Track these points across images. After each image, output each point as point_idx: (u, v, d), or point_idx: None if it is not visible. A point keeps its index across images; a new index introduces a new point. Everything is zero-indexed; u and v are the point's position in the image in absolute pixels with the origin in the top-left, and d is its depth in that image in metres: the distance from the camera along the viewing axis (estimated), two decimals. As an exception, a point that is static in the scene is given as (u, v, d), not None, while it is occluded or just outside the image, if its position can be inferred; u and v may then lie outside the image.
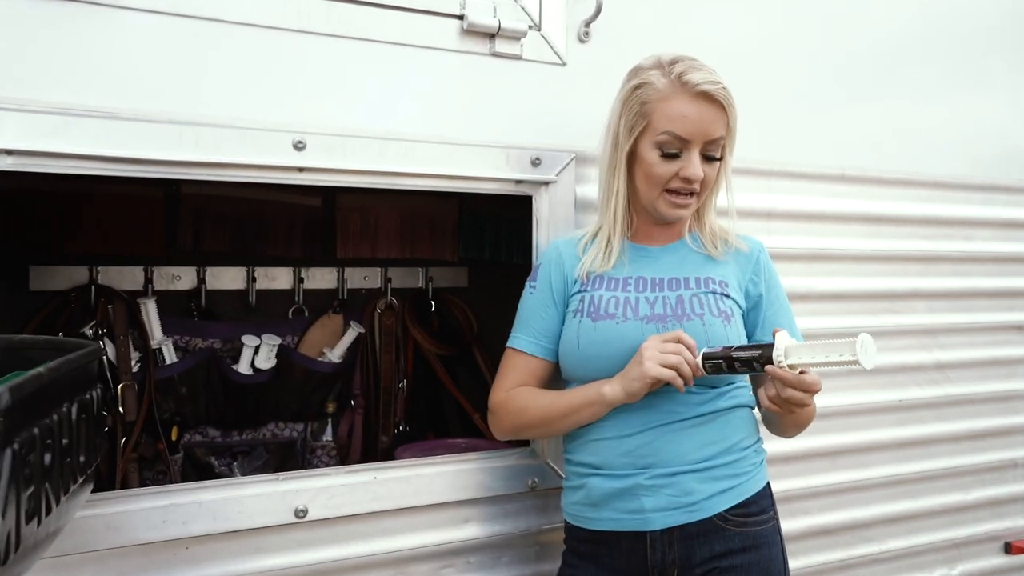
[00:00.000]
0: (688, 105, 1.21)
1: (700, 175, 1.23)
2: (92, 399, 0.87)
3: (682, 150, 1.23)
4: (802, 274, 1.79)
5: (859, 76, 1.89)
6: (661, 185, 1.25)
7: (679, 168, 1.23)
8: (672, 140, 1.23)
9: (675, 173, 1.24)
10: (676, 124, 1.22)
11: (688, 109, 1.21)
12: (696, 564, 1.22)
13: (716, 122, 1.23)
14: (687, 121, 1.21)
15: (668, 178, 1.24)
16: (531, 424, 1.34)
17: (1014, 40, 2.09)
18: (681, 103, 1.21)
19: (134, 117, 1.21)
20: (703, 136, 1.23)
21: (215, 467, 1.88)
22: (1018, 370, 2.11)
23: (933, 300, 1.98)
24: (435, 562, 1.45)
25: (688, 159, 1.23)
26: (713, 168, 1.27)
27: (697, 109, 1.21)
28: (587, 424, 1.28)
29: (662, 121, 1.23)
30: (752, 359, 1.13)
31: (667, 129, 1.22)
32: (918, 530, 1.98)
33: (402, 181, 1.41)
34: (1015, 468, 2.12)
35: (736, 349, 1.16)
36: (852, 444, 1.88)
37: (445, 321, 2.19)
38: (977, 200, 2.03)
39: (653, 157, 1.24)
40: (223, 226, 1.90)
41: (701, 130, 1.22)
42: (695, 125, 1.21)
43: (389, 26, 1.38)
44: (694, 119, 1.21)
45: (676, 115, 1.22)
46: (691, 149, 1.23)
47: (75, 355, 0.78)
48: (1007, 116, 2.09)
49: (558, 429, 1.32)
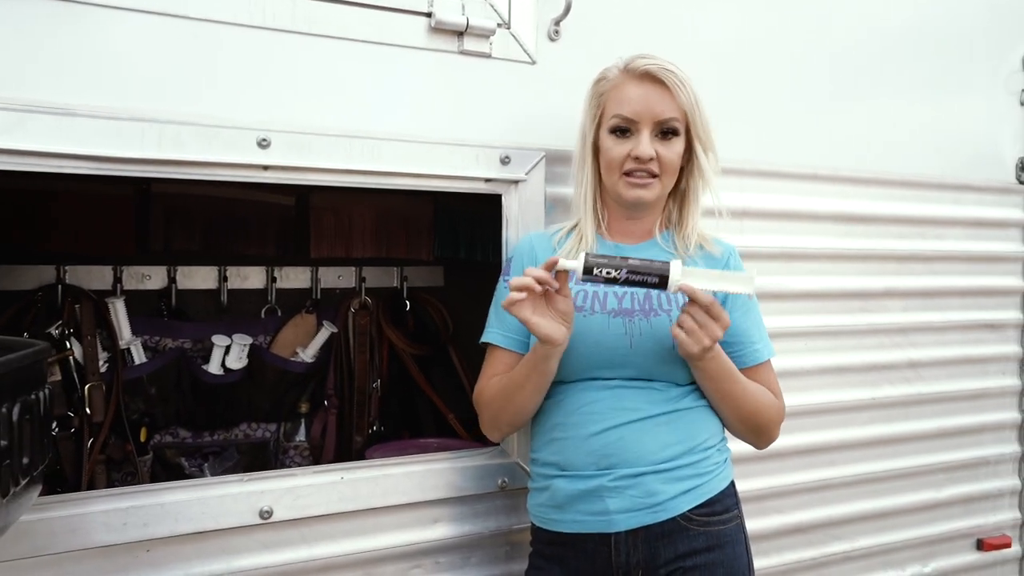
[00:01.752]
0: (633, 87, 1.28)
1: (650, 153, 1.26)
2: (38, 400, 0.85)
3: (633, 132, 1.28)
4: (775, 273, 1.80)
5: (833, 77, 1.90)
6: (618, 168, 1.29)
7: (630, 149, 1.27)
8: (622, 122, 1.28)
9: (628, 154, 1.27)
10: (624, 106, 1.28)
11: (633, 91, 1.28)
12: (660, 564, 1.22)
13: (662, 102, 1.27)
14: (633, 102, 1.27)
15: (622, 160, 1.28)
16: (497, 405, 1.32)
17: (984, 44, 2.10)
18: (627, 87, 1.29)
19: (94, 114, 1.19)
20: (651, 116, 1.27)
21: (185, 468, 1.86)
22: (989, 368, 2.13)
23: (906, 299, 1.99)
24: (404, 563, 1.44)
25: (639, 139, 1.27)
26: (670, 150, 1.29)
27: (642, 90, 1.27)
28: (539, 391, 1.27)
29: (612, 106, 1.30)
30: (649, 273, 1.13)
31: (616, 112, 1.29)
32: (891, 528, 1.99)
33: (369, 179, 1.40)
34: (987, 466, 2.13)
35: (631, 261, 1.15)
36: (825, 442, 1.89)
37: (420, 321, 2.18)
38: (948, 200, 2.05)
39: (609, 142, 1.30)
40: (194, 225, 1.88)
41: (647, 109, 1.27)
42: (640, 104, 1.27)
43: (355, 23, 1.37)
44: (639, 99, 1.27)
45: (623, 98, 1.28)
46: (641, 130, 1.27)
47: (16, 355, 0.77)
48: (977, 117, 2.11)
49: (520, 403, 1.29)
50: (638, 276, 1.14)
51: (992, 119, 2.13)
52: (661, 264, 1.15)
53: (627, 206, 1.34)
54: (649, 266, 1.14)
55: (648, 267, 1.14)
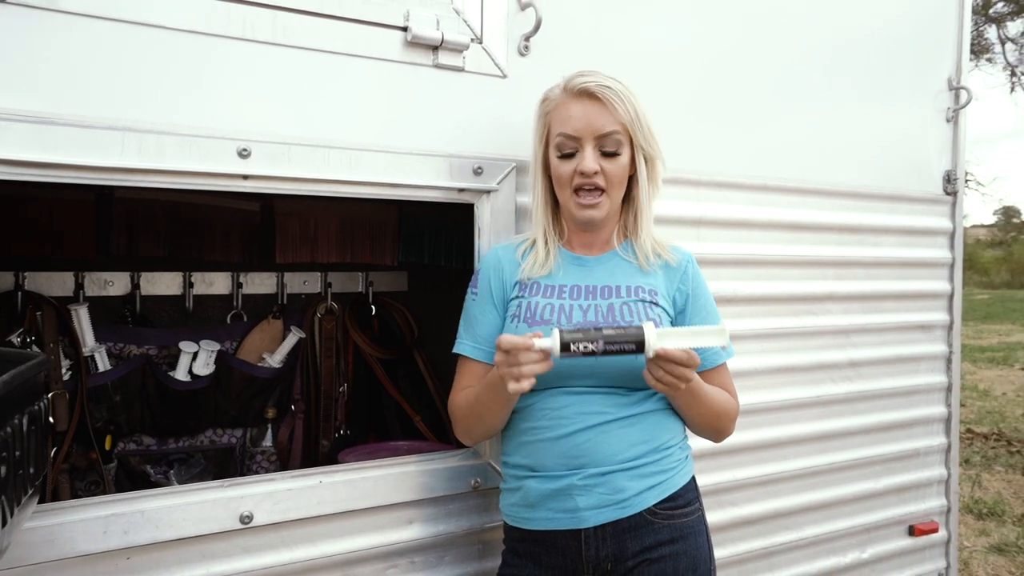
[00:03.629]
0: (573, 105, 1.33)
1: (594, 167, 1.32)
2: (40, 410, 0.87)
3: (576, 148, 1.33)
4: (729, 278, 1.89)
5: (781, 92, 2.00)
6: (568, 185, 1.35)
7: (576, 165, 1.32)
8: (565, 140, 1.33)
9: (574, 170, 1.33)
10: (565, 124, 1.33)
11: (573, 109, 1.33)
12: (628, 557, 1.29)
13: (601, 117, 1.32)
14: (573, 119, 1.32)
15: (570, 176, 1.34)
16: (469, 421, 1.38)
17: (915, 65, 2.25)
18: (569, 105, 1.34)
19: (73, 122, 1.19)
20: (591, 131, 1.32)
21: (151, 476, 1.84)
22: (920, 366, 2.28)
23: (847, 302, 2.12)
24: (380, 563, 1.48)
25: (582, 155, 1.32)
26: (615, 164, 1.34)
27: (581, 107, 1.32)
28: (505, 409, 1.32)
29: (556, 125, 1.35)
30: (625, 341, 1.16)
31: (560, 131, 1.34)
32: (833, 517, 2.11)
33: (347, 189, 1.43)
34: (917, 457, 2.28)
35: (605, 332, 1.16)
36: (774, 439, 1.99)
37: (385, 325, 2.20)
38: (884, 209, 2.18)
39: (555, 160, 1.35)
40: (158, 230, 1.86)
41: (587, 125, 1.32)
42: (580, 121, 1.32)
43: (334, 36, 1.40)
44: (578, 116, 1.32)
45: (565, 117, 1.34)
46: (584, 146, 1.32)
47: (26, 366, 0.78)
48: (910, 132, 2.25)
49: (490, 421, 1.35)
50: (615, 346, 1.16)
51: (922, 135, 2.28)
52: (636, 330, 1.16)
53: (579, 224, 1.40)
54: (624, 334, 1.16)
55: (624, 335, 1.16)
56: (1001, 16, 15.59)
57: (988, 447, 5.66)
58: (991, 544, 3.86)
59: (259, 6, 1.34)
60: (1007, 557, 3.71)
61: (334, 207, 2.02)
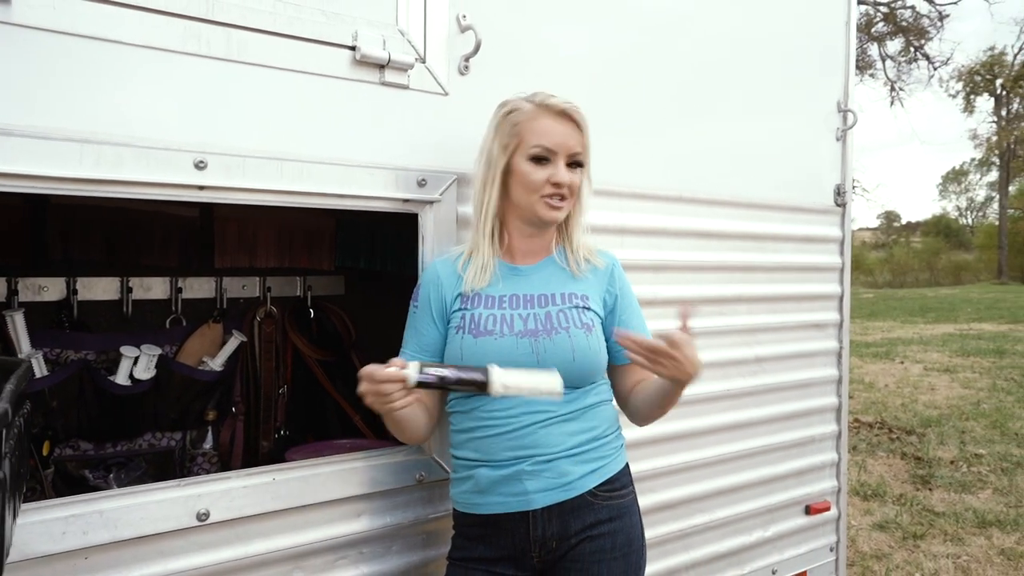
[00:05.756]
0: (553, 123, 1.47)
1: (568, 180, 1.47)
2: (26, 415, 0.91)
3: (551, 160, 1.46)
4: (649, 282, 2.05)
5: (692, 111, 2.19)
6: (538, 191, 1.47)
7: (549, 175, 1.46)
8: (543, 151, 1.46)
9: (547, 179, 1.46)
10: (545, 138, 1.46)
11: (554, 126, 1.46)
12: (572, 535, 1.42)
13: (574, 137, 1.48)
14: (553, 135, 1.46)
15: (542, 184, 1.46)
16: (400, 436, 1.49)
17: (811, 87, 2.49)
18: (547, 121, 1.46)
19: (30, 134, 1.22)
20: (566, 149, 1.47)
21: (89, 480, 1.83)
22: (815, 361, 2.52)
23: (752, 303, 2.33)
24: (330, 555, 1.55)
25: (556, 167, 1.46)
26: (578, 177, 1.50)
27: (560, 127, 1.46)
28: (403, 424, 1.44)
29: (532, 137, 1.46)
30: (471, 383, 1.28)
31: (538, 143, 1.46)
32: (741, 500, 2.31)
33: (299, 200, 1.50)
34: (813, 443, 2.52)
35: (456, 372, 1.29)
36: (690, 429, 2.17)
37: (324, 328, 2.26)
38: (783, 219, 2.41)
39: (528, 167, 1.47)
40: (95, 235, 1.86)
41: (564, 143, 1.46)
42: (560, 138, 1.46)
43: (286, 54, 1.47)
44: (559, 133, 1.46)
45: (544, 131, 1.46)
46: (558, 160, 1.46)
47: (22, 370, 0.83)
48: (806, 149, 2.49)
49: (411, 434, 1.48)
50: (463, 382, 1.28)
51: (816, 151, 2.53)
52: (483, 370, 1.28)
53: (538, 224, 1.52)
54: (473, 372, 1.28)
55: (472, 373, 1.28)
56: (882, 35, 16.81)
57: (872, 435, 6.16)
58: (874, 522, 4.24)
59: (214, 24, 1.39)
60: (887, 533, 4.09)
61: (272, 213, 2.06)
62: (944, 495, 4.69)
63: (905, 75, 17.73)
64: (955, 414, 6.83)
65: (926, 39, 16.59)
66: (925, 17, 16.16)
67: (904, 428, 6.32)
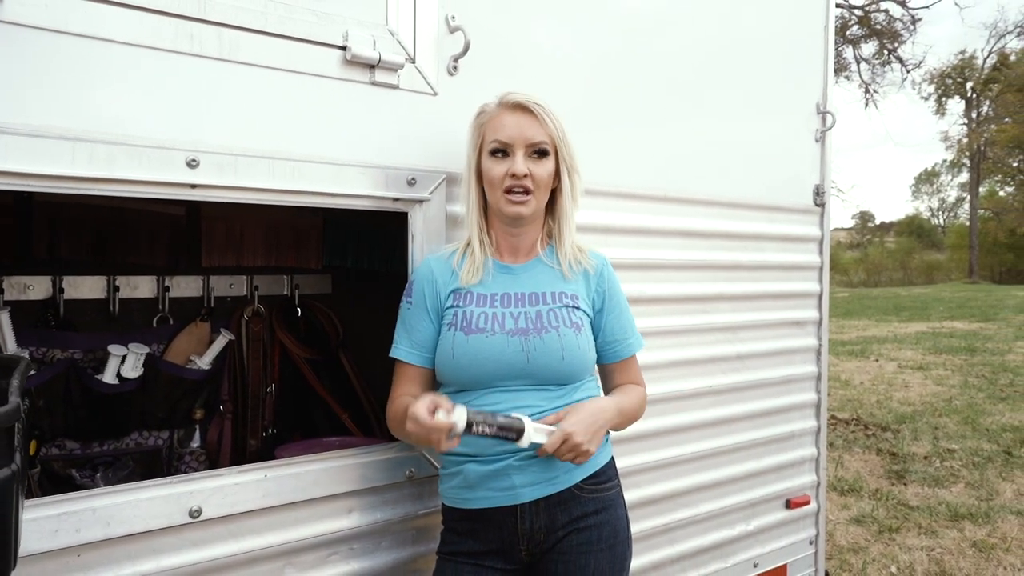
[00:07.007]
0: (507, 116, 1.50)
1: (524, 170, 1.48)
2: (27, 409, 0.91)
3: (509, 153, 1.48)
4: (634, 281, 2.08)
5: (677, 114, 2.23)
6: (499, 186, 1.49)
7: (508, 167, 1.48)
8: (499, 145, 1.49)
9: (506, 172, 1.48)
10: (500, 132, 1.49)
11: (507, 119, 1.50)
12: (559, 527, 1.45)
13: (531, 128, 1.49)
14: (507, 127, 1.49)
15: (502, 177, 1.49)
16: (400, 430, 1.50)
17: (792, 90, 2.54)
18: (503, 116, 1.50)
19: (23, 132, 1.22)
20: (523, 139, 1.49)
21: (76, 479, 1.82)
22: (795, 358, 2.57)
23: (734, 301, 2.37)
24: (322, 551, 1.56)
25: (514, 159, 1.49)
26: (542, 168, 1.51)
27: (514, 118, 1.49)
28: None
29: (491, 133, 1.50)
30: (509, 431, 1.36)
31: (495, 138, 1.50)
32: (723, 494, 2.35)
33: (290, 198, 1.51)
34: (793, 438, 2.57)
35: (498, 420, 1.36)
36: (673, 426, 2.21)
37: (311, 326, 2.26)
38: (764, 219, 2.45)
39: (489, 163, 1.51)
40: (81, 234, 1.85)
41: (519, 134, 1.48)
42: (514, 129, 1.49)
43: (277, 54, 1.48)
44: (512, 125, 1.49)
45: (500, 125, 1.50)
46: (515, 152, 1.49)
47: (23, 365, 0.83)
48: (787, 150, 2.54)
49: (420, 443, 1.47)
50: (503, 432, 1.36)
51: (797, 152, 2.58)
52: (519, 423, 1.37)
53: (507, 222, 1.54)
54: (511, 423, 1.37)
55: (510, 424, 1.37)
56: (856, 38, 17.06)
57: (848, 431, 6.26)
58: (851, 517, 4.32)
59: (206, 23, 1.40)
60: (864, 527, 4.17)
61: (259, 212, 2.07)
62: (918, 490, 4.78)
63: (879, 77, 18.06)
64: (928, 410, 6.96)
65: (899, 42, 16.89)
66: (898, 20, 16.45)
67: (879, 424, 6.43)
